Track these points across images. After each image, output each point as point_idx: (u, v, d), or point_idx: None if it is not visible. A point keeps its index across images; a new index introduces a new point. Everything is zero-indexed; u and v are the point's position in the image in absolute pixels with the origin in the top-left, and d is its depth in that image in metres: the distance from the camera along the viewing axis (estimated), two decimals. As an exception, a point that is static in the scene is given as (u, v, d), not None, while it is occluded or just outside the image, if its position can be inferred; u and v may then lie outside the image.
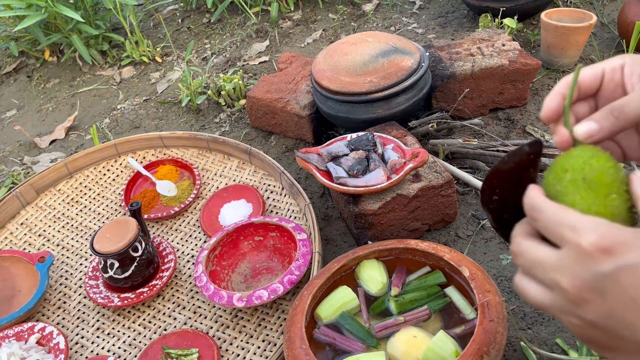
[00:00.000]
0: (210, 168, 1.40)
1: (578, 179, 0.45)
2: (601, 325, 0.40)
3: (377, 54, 1.24)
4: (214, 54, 2.07)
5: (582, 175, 0.45)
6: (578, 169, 0.45)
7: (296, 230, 1.08)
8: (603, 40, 1.63)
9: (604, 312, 0.40)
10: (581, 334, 0.43)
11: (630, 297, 0.38)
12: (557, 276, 0.41)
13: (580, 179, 0.44)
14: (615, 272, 0.38)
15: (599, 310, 0.40)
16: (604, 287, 0.39)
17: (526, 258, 0.45)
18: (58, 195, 1.37)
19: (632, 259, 0.38)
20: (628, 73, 0.49)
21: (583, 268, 0.40)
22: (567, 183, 0.45)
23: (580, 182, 0.44)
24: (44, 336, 1.03)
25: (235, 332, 1.02)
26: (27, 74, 2.27)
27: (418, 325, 0.84)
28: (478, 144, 1.25)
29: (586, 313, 0.41)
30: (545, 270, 0.42)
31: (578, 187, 0.44)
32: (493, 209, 0.55)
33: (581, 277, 0.40)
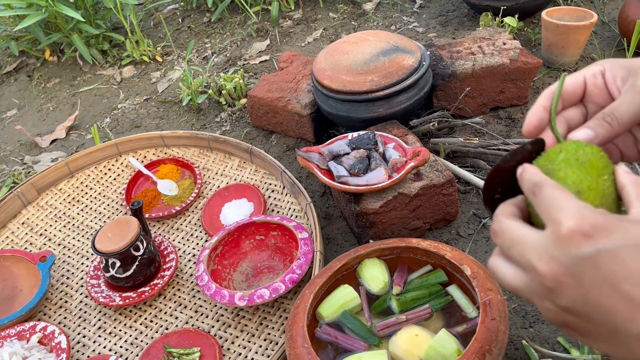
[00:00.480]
0: (211, 167, 1.40)
1: (571, 158, 0.45)
2: (576, 310, 0.40)
3: (378, 53, 1.23)
4: (214, 53, 2.07)
5: (575, 157, 0.45)
6: (572, 151, 0.46)
7: (297, 229, 1.08)
8: (604, 38, 1.63)
9: (579, 296, 0.39)
10: (555, 318, 0.42)
11: (607, 281, 0.37)
12: (534, 257, 0.41)
13: (574, 159, 0.45)
14: (593, 256, 0.38)
15: (575, 295, 0.39)
16: (581, 270, 0.38)
17: (506, 237, 0.44)
18: (59, 195, 1.37)
19: (611, 244, 0.38)
20: (610, 78, 0.50)
21: (562, 251, 0.39)
22: (561, 162, 0.45)
23: (574, 161, 0.45)
24: (46, 335, 1.03)
25: (237, 331, 1.02)
26: (27, 74, 2.27)
27: (420, 323, 0.85)
28: (479, 142, 1.25)
29: (561, 297, 0.40)
30: (523, 250, 0.42)
31: (571, 165, 0.45)
32: (495, 207, 0.55)
33: (558, 259, 0.39)
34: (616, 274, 0.37)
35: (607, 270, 0.37)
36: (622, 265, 0.37)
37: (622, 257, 0.37)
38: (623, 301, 0.37)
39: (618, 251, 0.37)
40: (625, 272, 0.37)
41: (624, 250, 0.37)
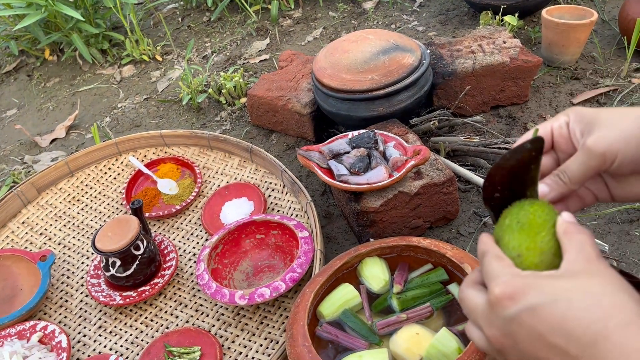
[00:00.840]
0: (211, 166, 1.40)
1: (513, 223, 0.49)
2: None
3: (378, 52, 1.23)
4: (214, 53, 2.07)
5: (516, 220, 0.49)
6: (514, 214, 0.50)
7: (298, 228, 1.08)
8: (604, 37, 1.63)
9: (518, 353, 0.44)
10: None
11: (534, 336, 0.42)
12: (481, 323, 0.46)
13: (515, 223, 0.49)
14: (517, 315, 0.42)
15: (515, 353, 0.44)
16: (512, 330, 0.43)
17: (465, 305, 0.49)
18: (59, 194, 1.37)
19: (530, 301, 0.42)
20: (572, 130, 0.53)
21: (495, 315, 0.44)
22: (505, 228, 0.50)
23: (515, 225, 0.49)
24: (46, 335, 1.03)
25: (238, 330, 1.02)
26: (27, 73, 2.27)
27: (420, 322, 0.84)
28: (479, 141, 1.25)
29: (507, 356, 0.45)
30: (476, 317, 0.47)
31: (512, 230, 0.49)
32: (495, 205, 0.55)
33: (495, 324, 0.44)
34: (539, 329, 0.41)
35: (531, 327, 0.41)
36: (542, 319, 0.41)
37: (540, 313, 0.41)
38: (552, 352, 0.41)
39: (536, 308, 0.41)
40: (545, 325, 0.41)
41: (542, 307, 0.41)
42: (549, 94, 1.43)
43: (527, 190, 0.53)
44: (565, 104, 1.39)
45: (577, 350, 0.40)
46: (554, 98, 1.42)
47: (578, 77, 1.47)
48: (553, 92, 1.44)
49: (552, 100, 1.41)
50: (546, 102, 1.41)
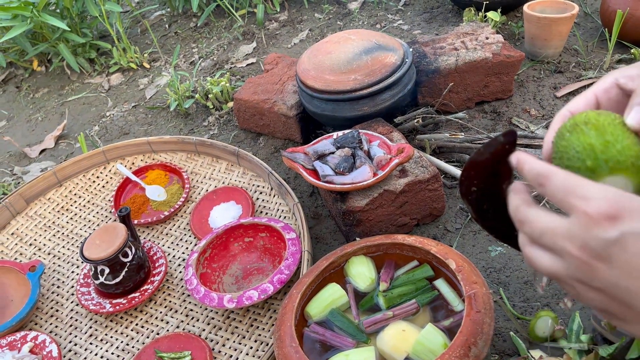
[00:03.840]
0: (199, 171, 1.40)
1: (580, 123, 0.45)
2: (610, 293, 0.40)
3: (360, 52, 1.24)
4: (201, 58, 2.07)
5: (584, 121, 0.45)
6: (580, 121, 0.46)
7: (285, 230, 1.09)
8: (587, 29, 1.64)
9: (611, 280, 0.40)
10: (593, 303, 0.43)
11: (635, 264, 0.38)
12: (567, 244, 0.41)
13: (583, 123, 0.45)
14: (621, 239, 0.38)
15: (607, 278, 0.40)
16: (610, 254, 0.39)
17: (534, 226, 0.44)
18: (48, 204, 1.37)
19: (638, 227, 0.38)
20: (626, 82, 0.49)
21: (590, 235, 0.40)
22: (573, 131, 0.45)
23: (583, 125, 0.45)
24: (37, 345, 1.03)
25: (228, 334, 1.02)
26: (15, 85, 2.27)
27: (407, 319, 0.85)
28: (465, 137, 1.26)
29: (595, 281, 0.41)
30: (556, 238, 0.42)
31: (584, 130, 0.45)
32: (472, 200, 0.56)
33: (589, 244, 0.40)
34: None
35: (634, 253, 0.38)
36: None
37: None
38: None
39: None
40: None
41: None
42: (533, 88, 1.44)
43: (503, 184, 0.54)
44: (549, 97, 1.40)
45: None
46: (538, 92, 1.43)
47: (561, 70, 1.48)
48: (537, 86, 1.45)
49: (536, 94, 1.42)
50: (530, 96, 1.42)
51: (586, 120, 0.46)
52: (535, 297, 0.96)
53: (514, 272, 1.01)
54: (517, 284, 0.99)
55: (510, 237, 0.57)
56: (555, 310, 0.92)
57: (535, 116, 1.35)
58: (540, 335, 0.86)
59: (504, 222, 0.56)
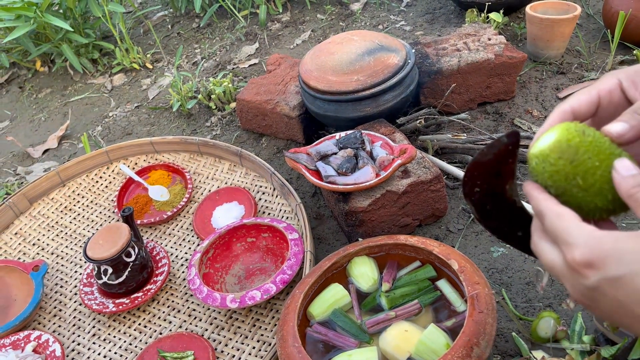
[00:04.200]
0: (201, 172, 1.40)
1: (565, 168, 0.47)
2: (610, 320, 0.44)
3: (363, 53, 1.24)
4: (204, 59, 2.08)
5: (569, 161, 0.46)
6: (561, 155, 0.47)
7: (288, 230, 1.09)
8: (589, 31, 1.64)
9: (604, 315, 0.44)
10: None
11: (616, 304, 0.41)
12: (564, 281, 0.45)
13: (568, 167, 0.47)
14: (599, 285, 0.41)
15: (600, 313, 0.44)
16: (594, 297, 0.42)
17: (543, 260, 0.47)
18: (51, 204, 1.37)
19: (610, 272, 0.40)
20: (628, 86, 0.49)
21: (575, 280, 0.43)
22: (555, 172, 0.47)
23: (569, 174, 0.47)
24: (40, 344, 1.03)
25: (230, 334, 1.02)
26: (19, 85, 2.28)
27: (409, 319, 0.85)
28: (467, 138, 1.26)
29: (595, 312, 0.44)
30: (557, 274, 0.46)
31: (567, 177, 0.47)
32: (475, 200, 0.56)
33: (576, 287, 0.44)
34: (621, 299, 0.40)
35: (613, 297, 0.41)
36: (624, 291, 0.40)
37: (622, 284, 0.40)
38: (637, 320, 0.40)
39: (618, 280, 0.40)
40: (628, 297, 0.40)
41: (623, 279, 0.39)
42: (535, 89, 1.44)
43: (506, 184, 0.54)
44: (551, 98, 1.40)
45: None
46: (540, 93, 1.43)
47: (564, 71, 1.48)
48: (539, 87, 1.45)
49: (538, 95, 1.42)
50: (532, 97, 1.42)
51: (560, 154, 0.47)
52: (537, 298, 0.96)
53: (516, 273, 1.01)
54: (519, 284, 0.99)
55: (512, 238, 0.57)
56: (557, 311, 0.92)
57: (537, 117, 1.35)
58: (543, 336, 0.86)
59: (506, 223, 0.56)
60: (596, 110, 0.51)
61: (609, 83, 0.50)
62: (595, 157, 0.46)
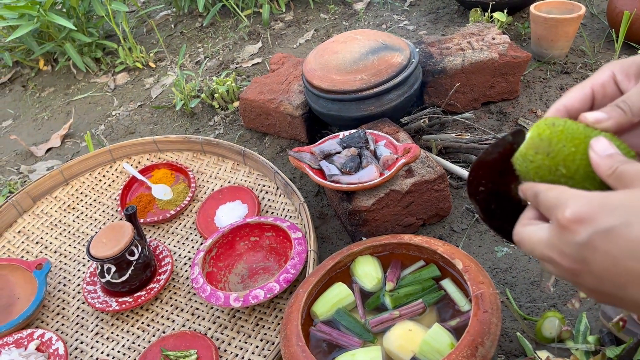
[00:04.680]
0: (205, 170, 1.40)
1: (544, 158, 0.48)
2: (599, 290, 0.42)
3: (366, 52, 1.24)
4: (207, 58, 2.08)
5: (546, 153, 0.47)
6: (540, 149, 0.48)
7: (291, 229, 1.09)
8: (593, 30, 1.64)
9: (595, 279, 0.41)
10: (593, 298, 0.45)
11: (609, 260, 0.39)
12: (550, 253, 0.43)
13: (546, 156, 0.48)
14: (590, 240, 0.40)
15: (591, 278, 0.41)
16: (585, 256, 0.40)
17: (525, 243, 0.47)
18: (54, 203, 1.37)
19: (602, 224, 0.39)
20: (622, 79, 0.49)
21: (565, 242, 0.41)
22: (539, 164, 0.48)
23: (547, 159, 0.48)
24: (44, 342, 1.03)
25: (234, 333, 1.02)
26: (22, 84, 2.28)
27: (413, 319, 0.85)
28: (471, 138, 1.26)
29: (583, 281, 0.42)
30: (541, 249, 0.44)
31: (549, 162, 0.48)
32: (480, 199, 0.55)
33: (564, 251, 0.42)
34: (614, 253, 0.39)
35: (605, 251, 0.39)
36: (616, 243, 0.38)
37: (614, 236, 0.39)
38: (630, 276, 0.39)
39: (609, 232, 0.39)
40: (620, 249, 0.38)
41: (615, 230, 0.39)
42: (540, 88, 1.44)
43: (511, 183, 0.53)
44: (555, 98, 1.40)
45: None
46: (545, 93, 1.42)
47: (568, 71, 1.48)
48: (543, 86, 1.44)
49: (542, 95, 1.42)
50: (537, 97, 1.42)
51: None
52: (542, 298, 0.95)
53: (520, 273, 1.01)
54: (523, 284, 0.99)
55: None
56: (562, 311, 0.92)
57: (541, 117, 1.35)
58: (547, 336, 0.86)
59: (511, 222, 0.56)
60: (592, 105, 0.50)
61: (602, 76, 0.50)
62: (570, 143, 0.46)
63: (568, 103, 0.51)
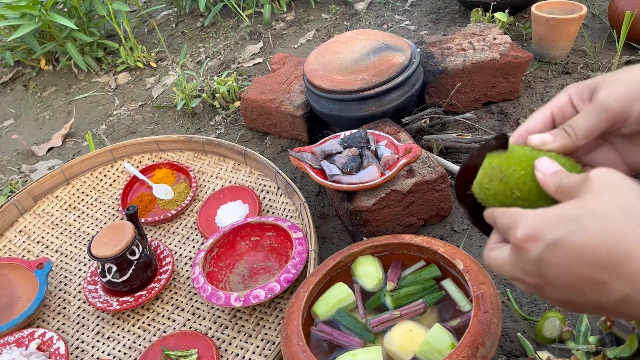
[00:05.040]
0: (206, 170, 1.40)
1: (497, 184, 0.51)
2: (564, 300, 0.44)
3: (368, 52, 1.24)
4: (208, 58, 2.08)
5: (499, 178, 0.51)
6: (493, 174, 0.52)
7: (292, 229, 1.09)
8: (595, 31, 1.64)
9: (557, 290, 0.43)
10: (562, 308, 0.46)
11: (563, 271, 0.41)
12: (515, 272, 0.46)
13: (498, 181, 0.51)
14: (542, 255, 0.42)
15: (553, 290, 0.44)
16: (542, 270, 0.43)
17: (493, 267, 0.49)
18: (55, 202, 1.38)
19: (549, 238, 0.41)
20: (578, 102, 0.51)
21: (523, 260, 0.44)
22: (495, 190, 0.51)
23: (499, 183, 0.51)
24: (45, 342, 1.03)
25: (234, 332, 1.02)
26: (23, 83, 2.29)
27: (414, 319, 0.85)
28: (472, 138, 1.26)
29: (548, 294, 0.45)
30: (507, 270, 0.47)
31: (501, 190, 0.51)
32: (468, 203, 0.56)
33: (526, 269, 0.44)
34: (566, 264, 0.41)
35: (558, 264, 0.41)
36: (565, 254, 0.41)
37: (561, 247, 0.41)
38: (586, 283, 0.41)
39: (556, 244, 0.41)
40: (570, 259, 0.41)
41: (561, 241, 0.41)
42: (541, 89, 1.44)
43: None
44: (556, 98, 1.39)
45: (606, 276, 0.39)
46: (546, 93, 1.42)
47: (569, 71, 1.47)
48: (545, 87, 1.44)
49: (543, 95, 1.42)
50: (538, 97, 1.42)
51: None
52: (542, 298, 0.95)
53: (521, 273, 1.01)
54: (524, 285, 0.98)
55: None
56: (562, 312, 0.92)
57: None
58: (548, 337, 0.86)
59: None
60: (553, 127, 0.53)
61: (561, 100, 0.52)
62: (519, 167, 0.49)
63: (530, 127, 0.53)
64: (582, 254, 0.40)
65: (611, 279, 0.39)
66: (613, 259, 0.39)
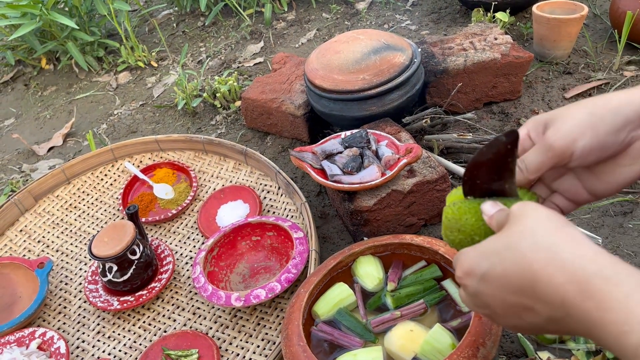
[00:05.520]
0: (206, 170, 1.40)
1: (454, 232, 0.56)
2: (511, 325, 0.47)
3: (369, 52, 1.24)
4: (209, 57, 2.08)
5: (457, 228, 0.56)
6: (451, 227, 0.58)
7: (293, 229, 1.09)
8: (596, 31, 1.64)
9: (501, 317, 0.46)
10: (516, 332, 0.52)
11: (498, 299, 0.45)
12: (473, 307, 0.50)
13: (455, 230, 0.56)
14: (478, 288, 0.46)
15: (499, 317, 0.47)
16: (484, 301, 0.46)
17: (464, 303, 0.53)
18: (56, 202, 1.38)
19: (478, 272, 0.46)
20: (535, 136, 0.55)
21: (469, 295, 0.49)
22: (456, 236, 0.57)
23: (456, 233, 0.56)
24: (45, 341, 1.03)
25: (235, 332, 1.02)
26: (24, 83, 2.29)
27: (415, 319, 0.85)
28: (472, 138, 1.26)
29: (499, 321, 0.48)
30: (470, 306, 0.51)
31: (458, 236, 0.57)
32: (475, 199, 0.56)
33: (474, 302, 0.48)
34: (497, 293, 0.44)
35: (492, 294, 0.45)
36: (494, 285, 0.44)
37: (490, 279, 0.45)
38: (519, 307, 0.44)
39: (485, 276, 0.45)
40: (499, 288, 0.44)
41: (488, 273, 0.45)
42: (542, 89, 1.44)
43: (505, 183, 0.54)
44: (557, 98, 1.39)
45: (530, 301, 0.42)
46: (547, 93, 1.42)
47: (570, 71, 1.47)
48: (546, 87, 1.44)
49: (544, 95, 1.42)
50: (539, 97, 1.42)
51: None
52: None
53: (521, 274, 1.00)
54: (525, 285, 0.98)
55: None
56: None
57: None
58: (548, 337, 0.86)
59: None
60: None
61: (520, 135, 0.55)
62: (469, 214, 0.54)
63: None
64: (506, 282, 0.43)
65: (534, 303, 0.42)
66: (528, 285, 0.42)
